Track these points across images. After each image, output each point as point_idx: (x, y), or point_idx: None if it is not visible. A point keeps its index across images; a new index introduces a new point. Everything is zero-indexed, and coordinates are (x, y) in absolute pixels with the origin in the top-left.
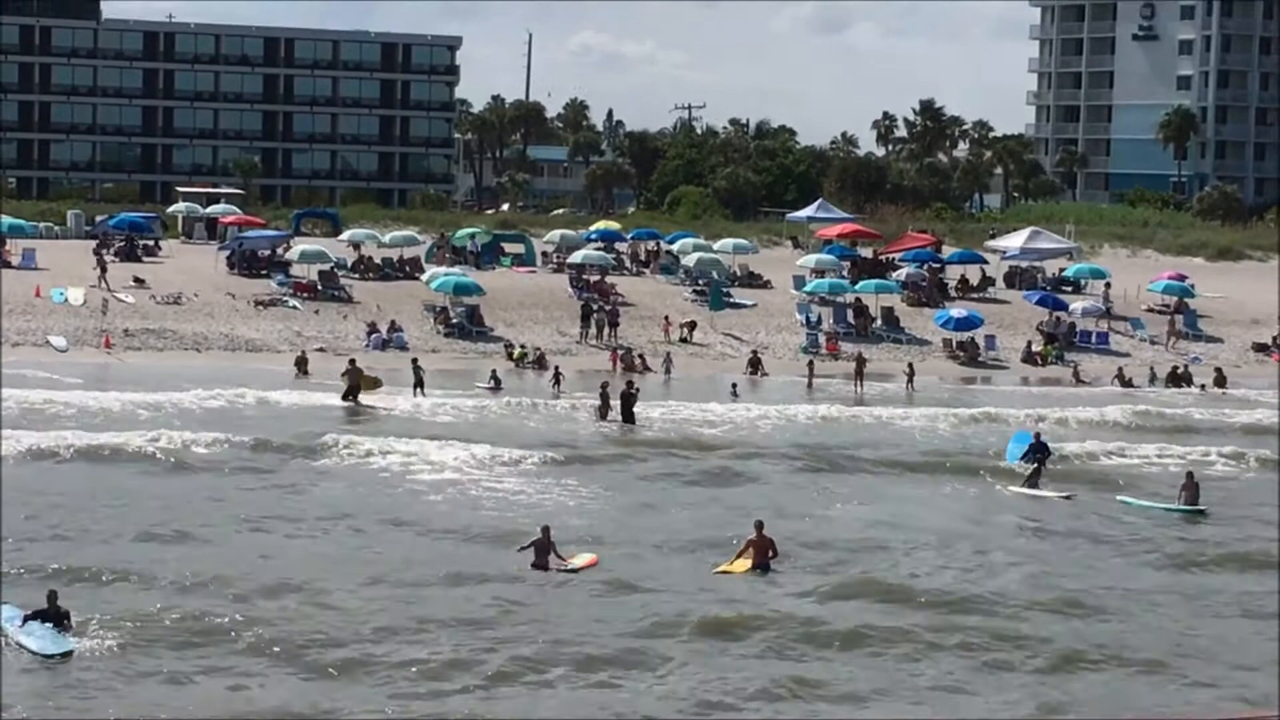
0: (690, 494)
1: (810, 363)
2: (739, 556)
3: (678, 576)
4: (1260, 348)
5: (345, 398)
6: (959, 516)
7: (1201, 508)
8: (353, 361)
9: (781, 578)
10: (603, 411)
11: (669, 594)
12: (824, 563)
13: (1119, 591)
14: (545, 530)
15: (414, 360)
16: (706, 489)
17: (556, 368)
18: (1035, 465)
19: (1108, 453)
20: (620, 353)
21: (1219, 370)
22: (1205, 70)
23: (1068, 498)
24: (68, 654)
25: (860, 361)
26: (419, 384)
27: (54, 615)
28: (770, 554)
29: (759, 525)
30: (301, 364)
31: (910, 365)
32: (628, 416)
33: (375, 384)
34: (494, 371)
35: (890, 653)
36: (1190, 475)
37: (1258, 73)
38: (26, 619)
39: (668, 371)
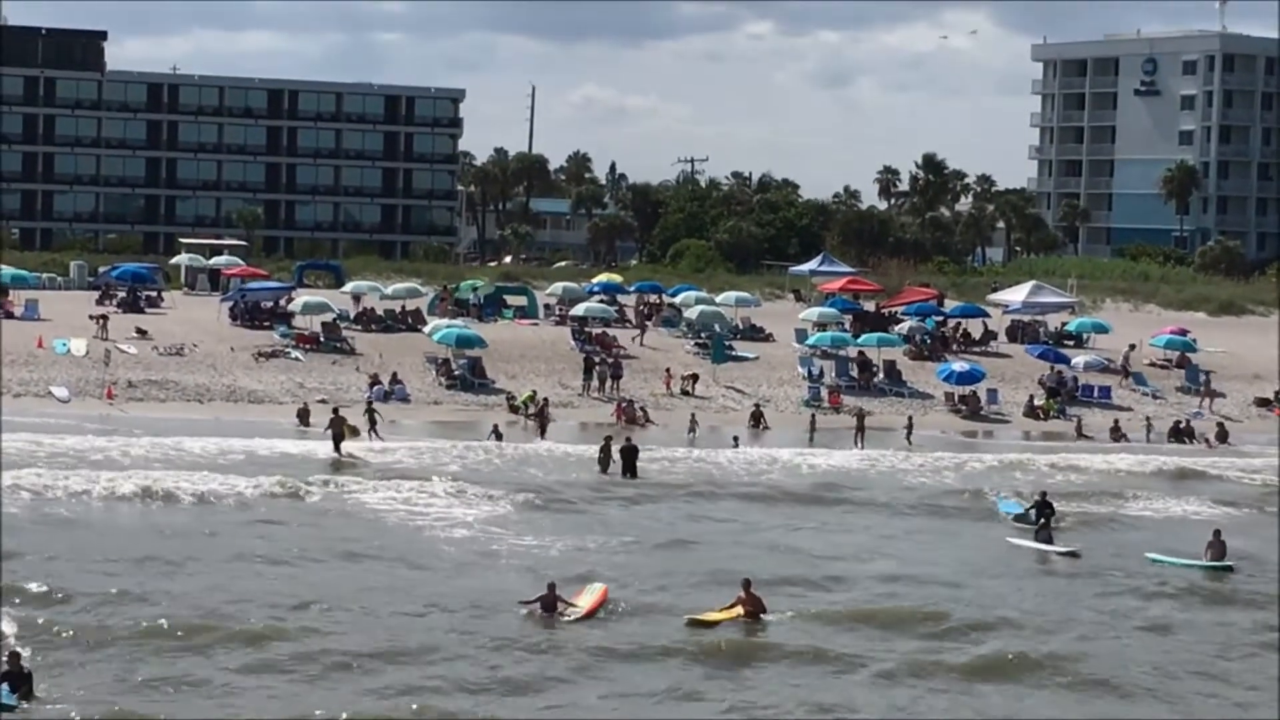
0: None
1: (812, 416)
2: (724, 610)
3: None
4: (1262, 402)
5: (337, 448)
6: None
7: (1229, 564)
8: (336, 410)
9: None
10: (604, 465)
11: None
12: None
13: None
14: (551, 586)
15: (369, 404)
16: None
17: (495, 425)
18: (1043, 521)
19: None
20: (623, 406)
21: (1221, 425)
22: (1207, 125)
23: (1074, 554)
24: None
25: (861, 416)
26: (372, 425)
27: (13, 677)
28: (761, 609)
29: (746, 584)
30: (304, 416)
31: (910, 419)
32: (629, 470)
33: (356, 433)
34: (495, 426)
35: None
36: (1217, 532)
37: (1259, 128)
38: None
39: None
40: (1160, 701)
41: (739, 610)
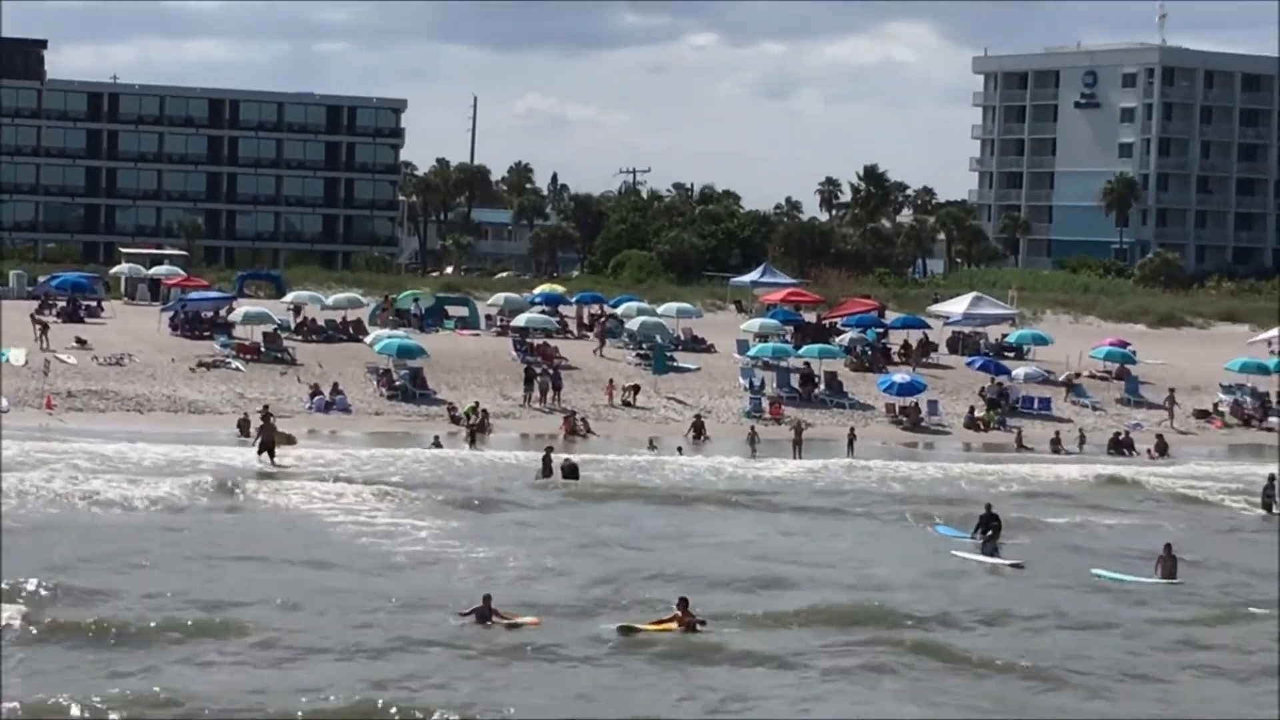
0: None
1: (752, 427)
2: (659, 623)
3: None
4: (1202, 414)
5: (260, 453)
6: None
7: (1180, 581)
8: (266, 416)
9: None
10: (545, 473)
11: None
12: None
13: None
14: (486, 599)
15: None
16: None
17: (436, 436)
18: (989, 533)
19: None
20: (567, 417)
21: (1160, 437)
22: (1147, 138)
23: (1019, 566)
24: None
25: (799, 429)
26: (267, 447)
27: None
28: (700, 624)
29: (682, 602)
30: (244, 426)
31: (852, 430)
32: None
33: (289, 440)
34: (436, 437)
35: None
36: (1168, 547)
37: (1199, 141)
38: None
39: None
40: (1093, 694)
41: (674, 625)
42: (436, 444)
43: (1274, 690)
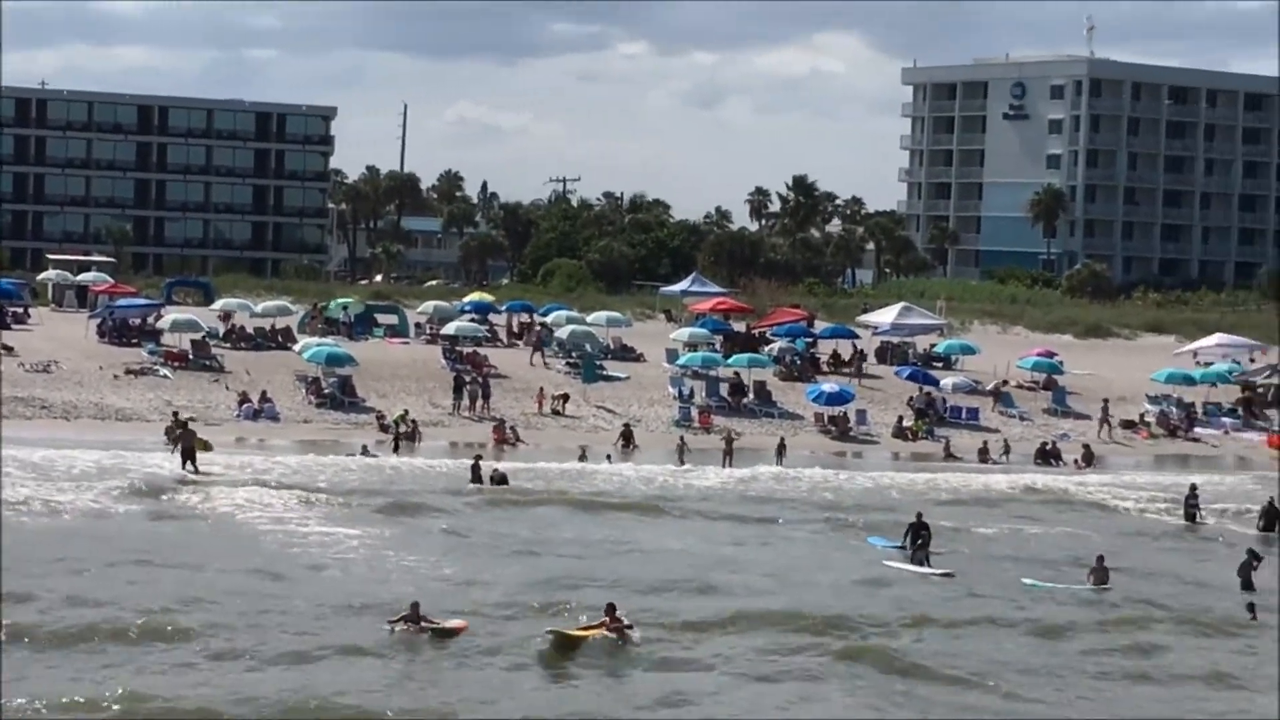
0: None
1: (681, 437)
2: (588, 628)
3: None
4: (1128, 425)
5: (184, 461)
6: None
7: (1109, 588)
8: (183, 422)
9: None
10: (474, 481)
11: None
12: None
13: None
14: (414, 606)
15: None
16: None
17: (364, 445)
18: (919, 542)
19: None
20: (497, 426)
21: (1087, 447)
22: (1075, 149)
23: (948, 575)
24: None
25: (729, 439)
26: (188, 454)
27: None
28: (627, 628)
29: (610, 608)
30: (172, 434)
31: (782, 440)
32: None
33: (207, 446)
34: (364, 445)
35: None
36: (1100, 559)
37: (1126, 152)
38: None
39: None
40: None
41: (602, 630)
42: (365, 452)
43: (1195, 695)
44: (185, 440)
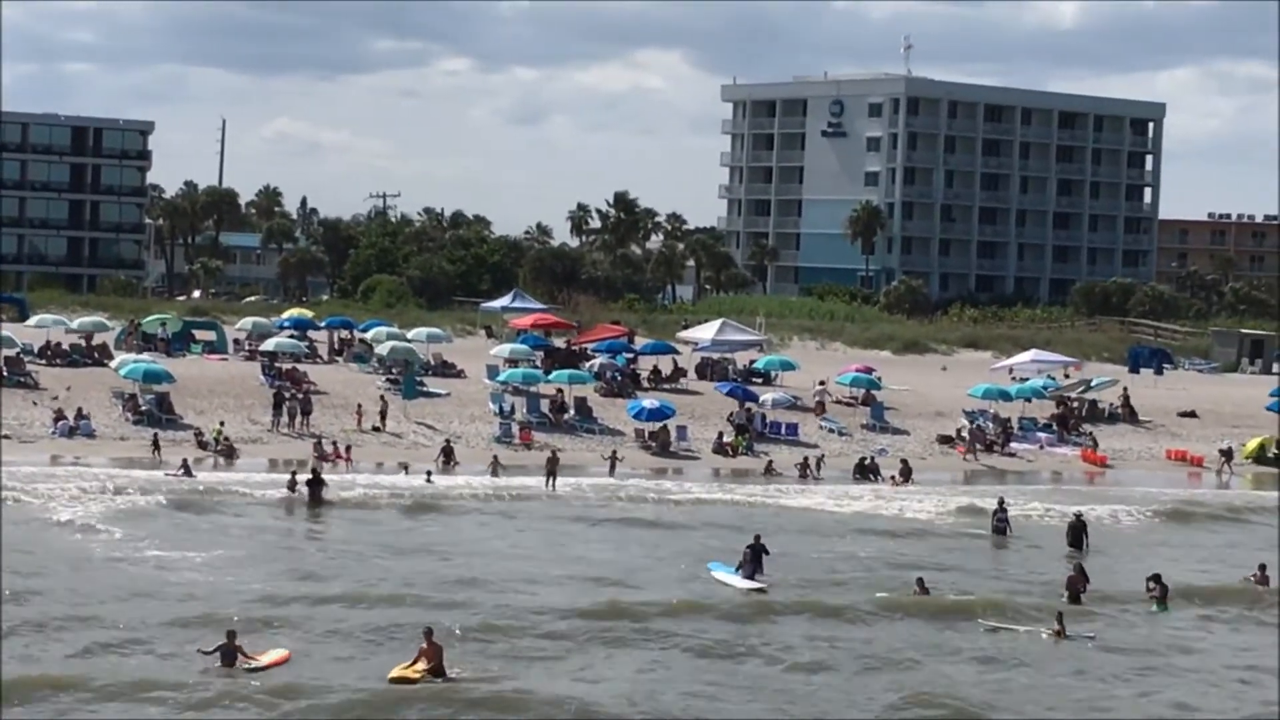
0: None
1: (494, 456)
2: (414, 662)
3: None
4: (945, 439)
5: None
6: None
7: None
8: None
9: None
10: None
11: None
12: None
13: None
14: (230, 635)
15: None
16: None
17: (185, 460)
18: (754, 557)
19: None
20: (318, 444)
21: (905, 462)
22: (892, 167)
23: (760, 590)
24: None
25: (553, 460)
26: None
27: None
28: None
29: (428, 633)
30: None
31: (614, 453)
32: (316, 500)
33: None
34: (185, 460)
35: None
36: (920, 580)
37: (942, 170)
38: None
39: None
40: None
41: (421, 666)
42: (185, 467)
43: None
44: None
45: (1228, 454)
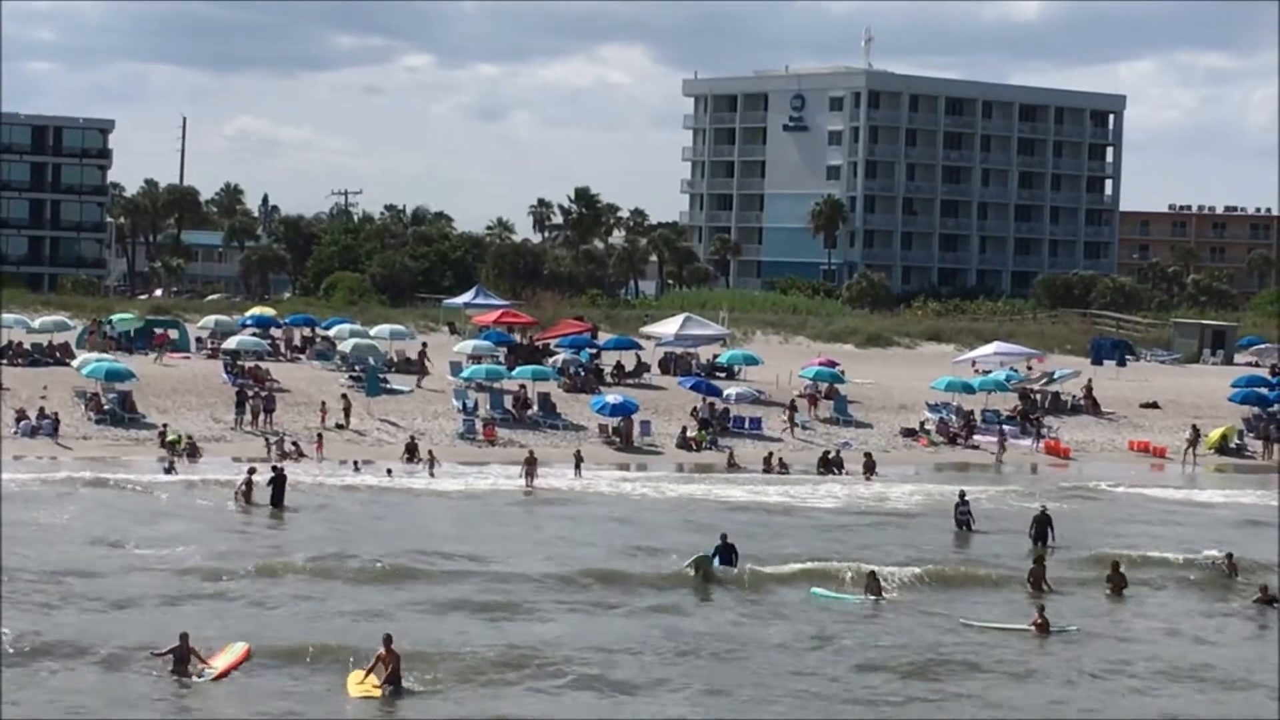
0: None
1: (430, 451)
2: (371, 670)
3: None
4: (908, 433)
5: None
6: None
7: (886, 599)
8: None
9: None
10: (246, 497)
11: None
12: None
13: None
14: (183, 637)
15: None
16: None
17: (171, 461)
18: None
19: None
20: (279, 441)
21: (869, 455)
22: (854, 161)
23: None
24: None
25: (531, 460)
26: None
27: None
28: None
29: (387, 639)
30: None
31: (578, 452)
32: (278, 500)
33: None
34: (171, 461)
35: None
36: (872, 574)
37: (904, 163)
38: None
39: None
40: None
41: (375, 679)
42: (171, 465)
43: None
44: None
45: (1195, 436)
